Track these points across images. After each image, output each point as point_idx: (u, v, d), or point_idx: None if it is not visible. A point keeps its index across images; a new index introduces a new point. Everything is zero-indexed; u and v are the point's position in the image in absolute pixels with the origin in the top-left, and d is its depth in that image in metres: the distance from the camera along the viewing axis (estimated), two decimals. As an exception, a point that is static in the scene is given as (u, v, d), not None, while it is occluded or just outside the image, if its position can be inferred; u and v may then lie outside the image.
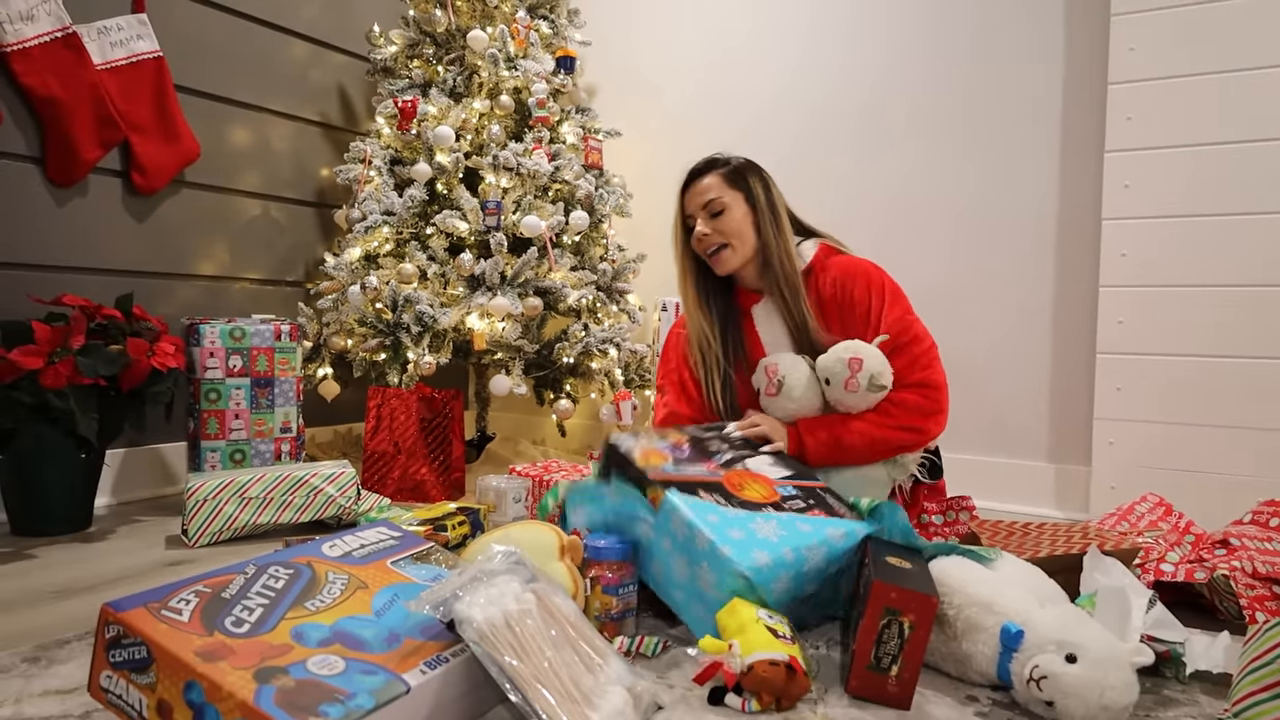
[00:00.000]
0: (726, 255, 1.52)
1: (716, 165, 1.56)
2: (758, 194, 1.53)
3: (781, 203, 1.56)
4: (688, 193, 1.56)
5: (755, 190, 1.53)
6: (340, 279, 2.21)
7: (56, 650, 1.09)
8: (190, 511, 1.60)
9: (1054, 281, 2.15)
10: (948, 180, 2.26)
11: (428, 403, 2.08)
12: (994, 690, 1.03)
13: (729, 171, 1.54)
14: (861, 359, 1.40)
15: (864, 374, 1.40)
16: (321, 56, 2.51)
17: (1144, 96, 1.94)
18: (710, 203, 1.52)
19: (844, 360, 1.40)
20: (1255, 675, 0.86)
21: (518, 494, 1.71)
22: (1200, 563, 1.30)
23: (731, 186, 1.53)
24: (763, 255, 1.53)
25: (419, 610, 0.85)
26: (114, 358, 1.63)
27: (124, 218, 2.03)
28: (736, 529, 1.10)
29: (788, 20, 2.49)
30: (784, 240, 1.52)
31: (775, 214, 1.53)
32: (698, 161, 1.58)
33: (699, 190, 1.54)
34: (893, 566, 1.04)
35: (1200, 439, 1.89)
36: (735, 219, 1.51)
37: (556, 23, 2.49)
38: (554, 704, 0.78)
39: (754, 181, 1.54)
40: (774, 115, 2.50)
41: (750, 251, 1.53)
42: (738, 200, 1.52)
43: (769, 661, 0.94)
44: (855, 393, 1.41)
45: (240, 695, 0.70)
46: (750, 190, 1.53)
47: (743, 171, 1.55)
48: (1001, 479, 2.18)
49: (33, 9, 1.81)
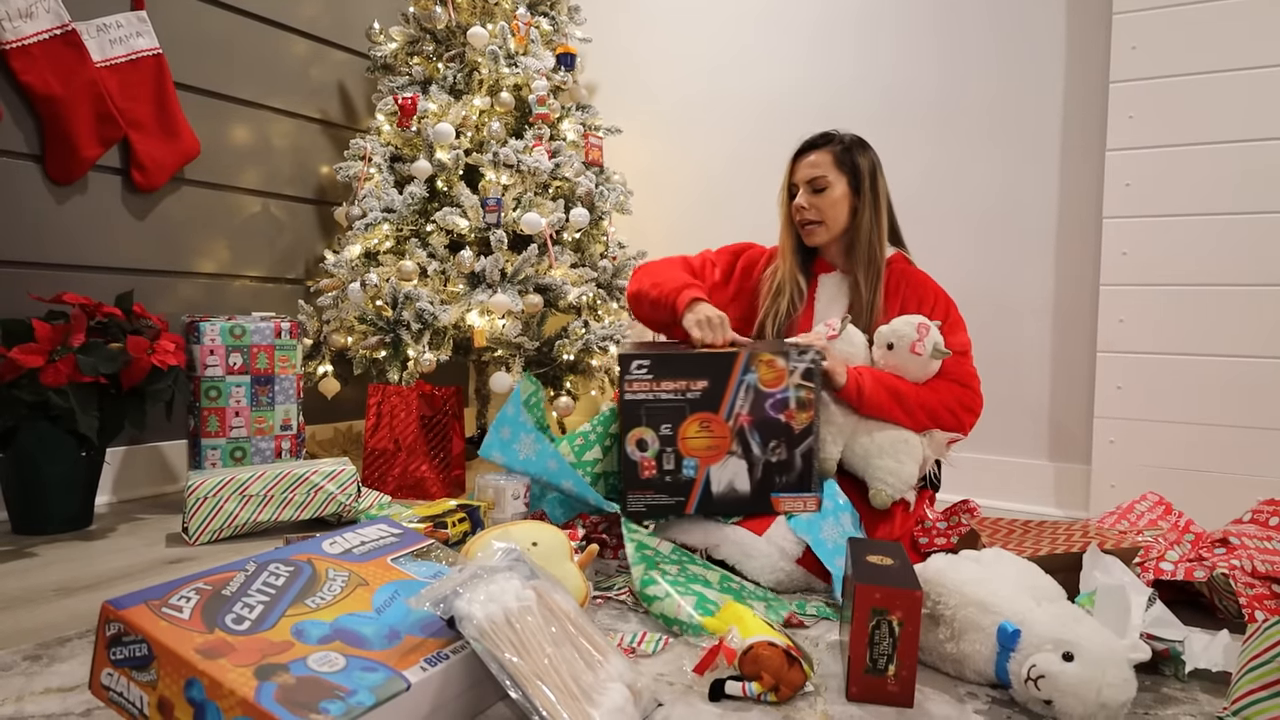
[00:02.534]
0: (816, 230, 1.59)
1: (830, 142, 1.60)
2: (863, 178, 1.58)
3: (884, 191, 1.61)
4: (798, 162, 1.62)
5: (861, 174, 1.58)
6: (340, 276, 2.21)
7: (57, 648, 1.09)
8: (190, 509, 1.60)
9: (1055, 280, 2.14)
10: (948, 179, 2.26)
11: (428, 400, 2.09)
12: (992, 689, 1.03)
13: (841, 151, 1.59)
14: (929, 326, 1.46)
15: (930, 339, 1.44)
16: (321, 53, 2.51)
17: (1145, 95, 1.94)
18: (816, 179, 1.57)
19: (913, 324, 1.46)
20: (1255, 674, 0.86)
21: (517, 491, 1.71)
22: (1200, 561, 1.30)
23: (838, 166, 1.58)
24: (851, 236, 1.59)
25: (419, 607, 0.85)
26: (114, 356, 1.63)
27: (124, 215, 2.03)
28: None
29: (789, 18, 2.49)
30: (879, 227, 1.59)
31: (876, 200, 1.59)
32: (814, 134, 1.63)
33: (808, 163, 1.59)
34: (873, 565, 1.04)
35: (1200, 438, 1.90)
36: (833, 198, 1.57)
37: (557, 19, 2.49)
38: (554, 701, 0.78)
39: (862, 164, 1.59)
40: (774, 114, 2.50)
41: (839, 230, 1.59)
42: (841, 181, 1.58)
43: (768, 643, 0.95)
44: (920, 357, 1.45)
45: (241, 692, 0.70)
46: (857, 173, 1.58)
47: (853, 153, 1.59)
48: (1002, 477, 2.18)
49: (32, 6, 1.80)
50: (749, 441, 1.34)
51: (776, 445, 1.34)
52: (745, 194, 2.55)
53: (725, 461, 1.35)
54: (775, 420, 1.34)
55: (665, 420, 1.36)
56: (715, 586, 1.26)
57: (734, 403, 1.35)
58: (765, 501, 1.35)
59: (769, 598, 1.30)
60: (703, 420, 1.35)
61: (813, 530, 1.35)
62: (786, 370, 1.34)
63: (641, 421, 1.36)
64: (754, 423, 1.34)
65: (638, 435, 1.37)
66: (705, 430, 1.35)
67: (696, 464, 1.35)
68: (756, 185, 2.51)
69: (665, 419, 1.36)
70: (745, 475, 1.35)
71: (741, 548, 1.37)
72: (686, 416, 1.36)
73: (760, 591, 1.32)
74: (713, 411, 1.35)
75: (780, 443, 1.34)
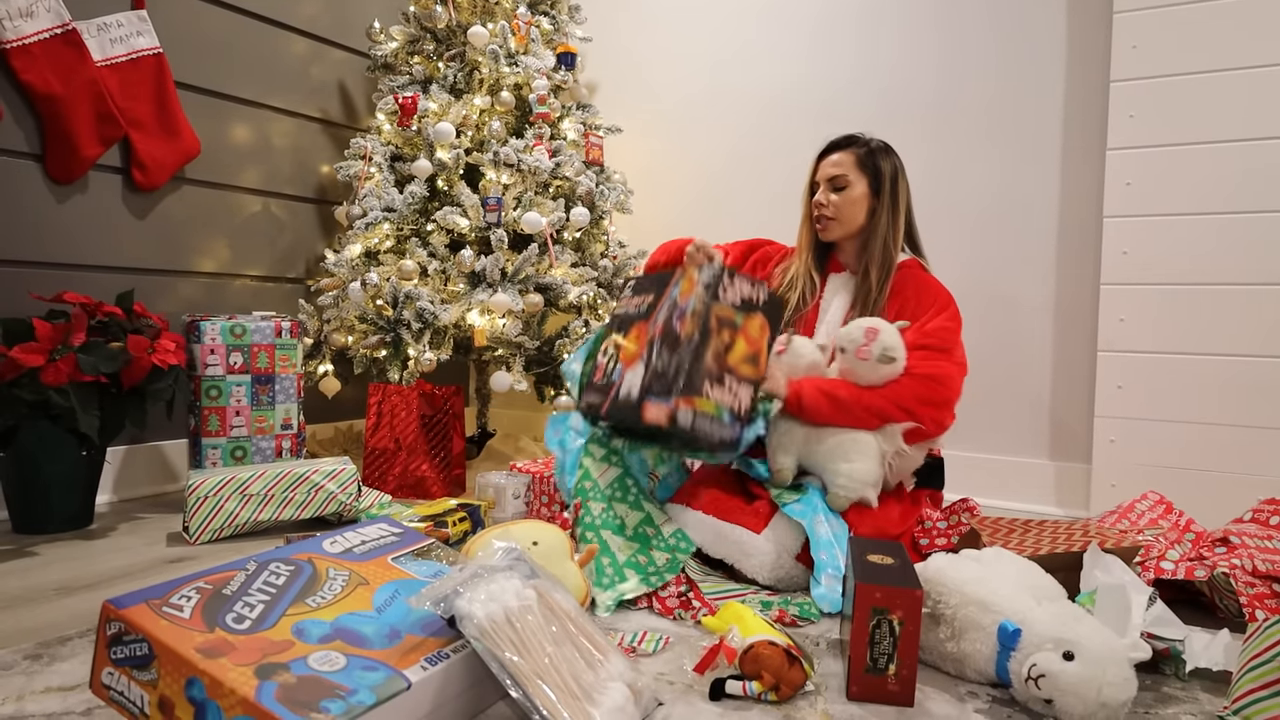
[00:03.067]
0: (831, 225, 1.62)
1: (855, 144, 1.64)
2: (884, 180, 1.61)
3: (905, 197, 1.64)
4: (822, 161, 1.66)
5: (883, 176, 1.62)
6: (341, 275, 2.21)
7: (58, 647, 1.09)
8: (191, 508, 1.60)
9: (1055, 279, 2.14)
10: (949, 178, 2.26)
11: (428, 399, 2.09)
12: (993, 688, 1.03)
13: (865, 153, 1.63)
14: (879, 330, 1.45)
15: (877, 345, 1.44)
16: (322, 53, 2.51)
17: (1146, 94, 1.94)
18: (837, 178, 1.61)
19: (862, 328, 1.46)
20: (1255, 673, 0.86)
21: (518, 490, 1.71)
22: (1200, 561, 1.30)
23: (860, 168, 1.61)
24: (866, 236, 1.62)
25: (420, 606, 0.85)
26: (115, 355, 1.63)
27: (124, 215, 2.03)
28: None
29: (790, 17, 2.49)
30: (895, 230, 1.61)
31: (895, 204, 1.62)
32: (840, 136, 1.67)
33: (832, 163, 1.63)
34: (874, 565, 1.04)
35: (1201, 437, 1.90)
36: (852, 197, 1.60)
37: (557, 19, 2.49)
38: (554, 700, 0.78)
39: (884, 168, 1.62)
40: (775, 114, 2.50)
41: (854, 229, 1.63)
42: (861, 182, 1.61)
43: (769, 642, 0.95)
44: (866, 361, 1.45)
45: (241, 691, 0.70)
46: (878, 176, 1.62)
47: (875, 156, 1.63)
48: (1002, 476, 2.18)
49: (32, 5, 1.80)
50: (653, 349, 1.37)
51: (665, 352, 1.35)
52: (745, 192, 2.55)
53: (635, 367, 1.39)
54: (673, 330, 1.36)
55: (623, 329, 1.46)
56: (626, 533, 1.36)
57: (659, 314, 1.41)
58: (639, 407, 1.31)
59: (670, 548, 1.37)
60: (638, 330, 1.43)
61: (807, 515, 1.36)
62: (697, 282, 1.38)
63: (614, 330, 1.48)
64: (662, 332, 1.37)
65: (607, 344, 1.48)
66: (635, 339, 1.42)
67: (621, 369, 1.42)
68: (757, 183, 2.51)
69: (624, 328, 1.47)
70: (638, 381, 1.35)
71: (740, 546, 1.38)
72: (633, 325, 1.44)
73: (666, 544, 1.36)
74: (646, 320, 1.43)
75: (668, 350, 1.35)
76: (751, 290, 1.43)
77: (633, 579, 1.31)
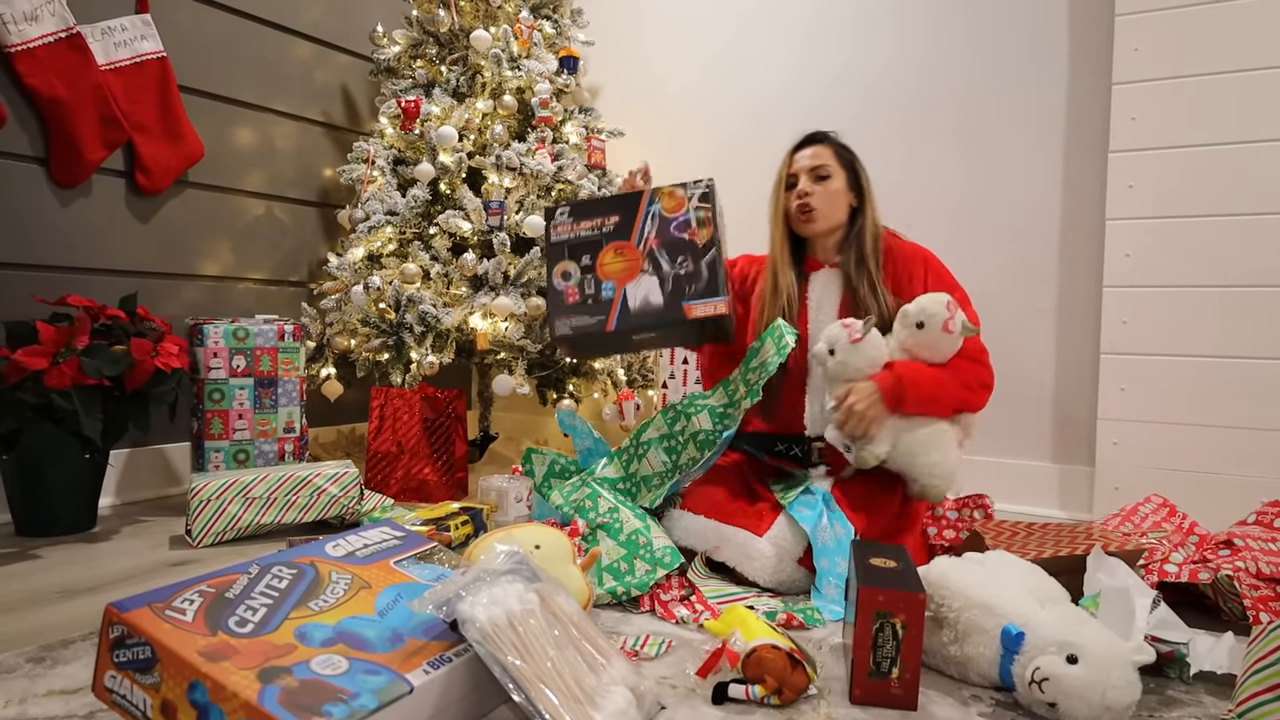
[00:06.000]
0: (814, 216, 1.61)
1: (828, 138, 1.66)
2: (861, 173, 1.65)
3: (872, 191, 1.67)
4: (799, 153, 1.65)
5: (859, 171, 1.65)
6: (343, 279, 2.21)
7: (61, 650, 1.09)
8: (194, 512, 1.60)
9: (1058, 282, 2.14)
10: (952, 180, 2.26)
11: (431, 403, 2.09)
12: (997, 691, 1.03)
13: (840, 148, 1.66)
14: (955, 303, 1.45)
15: (959, 317, 1.43)
16: (325, 57, 2.51)
17: (1148, 97, 1.94)
18: (820, 167, 1.62)
19: (942, 302, 1.44)
20: (1259, 676, 0.86)
21: (520, 494, 1.71)
22: (1204, 563, 1.30)
23: (839, 160, 1.63)
24: (849, 229, 1.63)
25: (422, 610, 0.85)
26: (118, 358, 1.64)
27: (128, 218, 2.04)
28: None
29: (791, 20, 2.49)
30: (875, 217, 1.64)
31: (870, 193, 1.64)
32: (811, 132, 1.69)
33: (812, 154, 1.64)
34: (877, 569, 1.04)
35: (1204, 439, 1.89)
36: (835, 188, 1.61)
37: (560, 23, 2.49)
38: (557, 704, 0.78)
39: (857, 164, 1.65)
40: (776, 115, 2.50)
41: (835, 222, 1.63)
42: (841, 174, 1.62)
43: (771, 645, 0.95)
44: (951, 335, 1.43)
45: (244, 695, 0.70)
46: (854, 169, 1.64)
47: (850, 152, 1.66)
48: (1005, 479, 2.17)
49: (37, 9, 1.81)
50: (659, 260, 1.48)
51: (683, 260, 1.47)
52: (747, 191, 2.55)
53: (639, 280, 1.48)
54: (680, 239, 1.48)
55: (585, 253, 1.52)
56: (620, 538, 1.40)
57: (643, 230, 1.49)
58: (678, 309, 1.45)
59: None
60: (617, 248, 1.50)
61: (811, 520, 1.36)
62: (685, 197, 1.50)
63: (565, 256, 1.52)
64: (661, 244, 1.49)
65: (563, 268, 1.52)
66: (620, 256, 1.49)
67: (614, 285, 1.49)
68: (745, 184, 2.50)
69: (584, 251, 1.52)
70: (658, 289, 1.47)
71: (743, 549, 1.38)
72: (603, 246, 1.51)
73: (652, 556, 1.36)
74: (625, 239, 1.50)
75: (686, 257, 1.47)
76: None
77: (607, 583, 1.32)
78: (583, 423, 1.69)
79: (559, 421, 1.70)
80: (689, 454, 1.53)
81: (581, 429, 1.68)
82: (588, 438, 1.68)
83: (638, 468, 1.57)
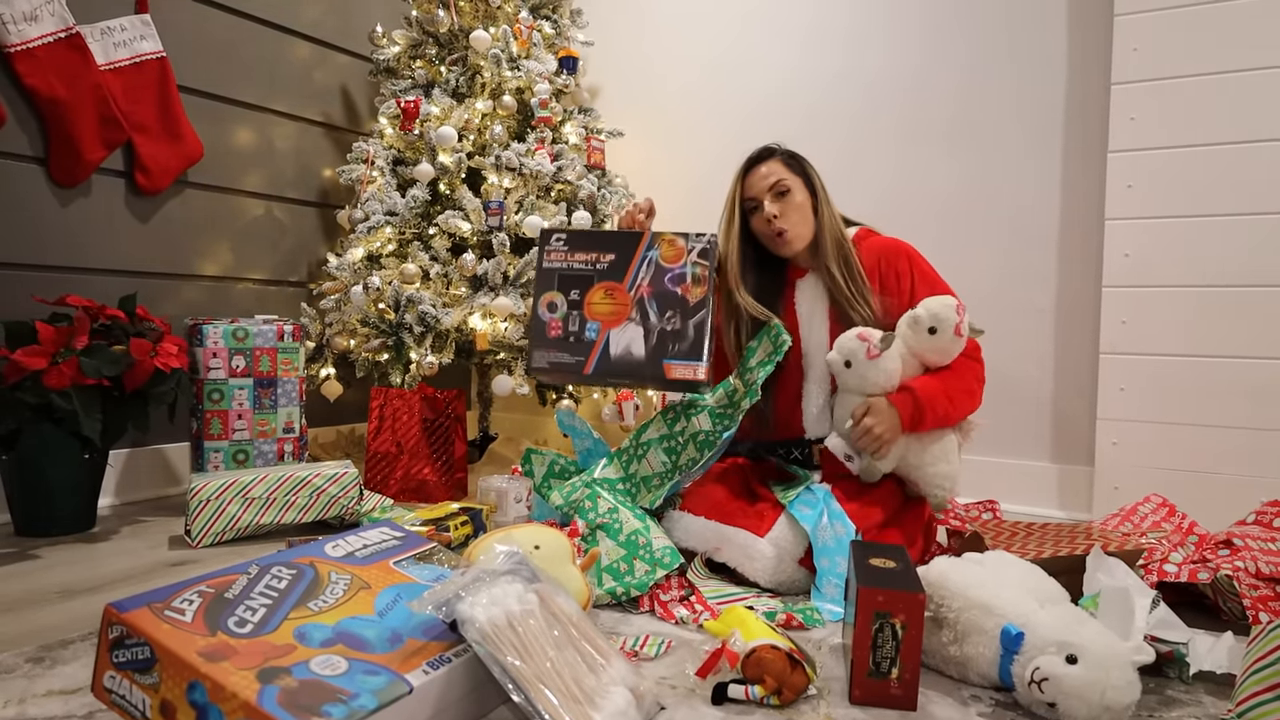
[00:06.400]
0: (790, 238, 1.58)
1: (775, 152, 1.63)
2: (814, 178, 1.62)
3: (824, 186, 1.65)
4: (750, 176, 1.62)
5: (812, 175, 1.63)
6: (343, 279, 2.21)
7: (60, 650, 1.09)
8: (193, 512, 1.60)
9: (1057, 282, 2.14)
10: (951, 179, 2.26)
11: (430, 403, 2.09)
12: (996, 692, 1.03)
13: (787, 157, 1.63)
14: (963, 305, 1.45)
15: (967, 319, 1.44)
16: (324, 57, 2.51)
17: (1147, 97, 1.94)
18: (777, 183, 1.58)
19: (952, 306, 1.43)
20: (1259, 676, 0.86)
21: (520, 494, 1.71)
22: (1204, 563, 1.30)
23: (791, 170, 1.60)
24: (816, 236, 1.60)
25: (421, 610, 0.85)
26: (117, 358, 1.64)
27: (127, 218, 2.04)
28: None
29: (790, 21, 2.49)
30: (837, 220, 1.62)
31: (827, 196, 1.62)
32: (755, 150, 1.65)
33: (763, 173, 1.60)
34: (876, 569, 1.04)
35: (1204, 439, 1.89)
36: (798, 201, 1.59)
37: (559, 23, 2.49)
38: (557, 704, 0.78)
39: (808, 167, 1.63)
40: (776, 115, 2.50)
41: (810, 232, 1.60)
42: (798, 184, 1.60)
43: (771, 646, 0.95)
44: (961, 338, 1.44)
45: (243, 696, 0.70)
46: (808, 175, 1.62)
47: (798, 158, 1.64)
48: (1004, 479, 2.18)
49: (36, 9, 1.81)
50: (647, 310, 1.47)
51: (671, 315, 1.46)
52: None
53: (625, 327, 1.47)
54: (672, 292, 1.47)
55: (575, 287, 1.50)
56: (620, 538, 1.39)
57: (637, 274, 1.47)
58: (658, 366, 1.45)
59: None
60: (608, 288, 1.48)
61: (812, 520, 1.36)
62: (685, 249, 1.48)
63: (554, 286, 1.51)
64: (653, 294, 1.47)
65: (549, 299, 1.51)
66: (609, 298, 1.48)
67: (599, 327, 1.48)
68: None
69: (575, 285, 1.51)
70: (641, 341, 1.46)
71: (744, 550, 1.38)
72: (594, 284, 1.49)
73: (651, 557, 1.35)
74: (617, 281, 1.49)
75: (675, 313, 1.46)
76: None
77: (607, 584, 1.32)
78: (582, 423, 1.69)
79: (558, 422, 1.69)
80: (689, 454, 1.53)
81: (581, 429, 1.68)
82: (587, 438, 1.68)
83: (637, 468, 1.57)
